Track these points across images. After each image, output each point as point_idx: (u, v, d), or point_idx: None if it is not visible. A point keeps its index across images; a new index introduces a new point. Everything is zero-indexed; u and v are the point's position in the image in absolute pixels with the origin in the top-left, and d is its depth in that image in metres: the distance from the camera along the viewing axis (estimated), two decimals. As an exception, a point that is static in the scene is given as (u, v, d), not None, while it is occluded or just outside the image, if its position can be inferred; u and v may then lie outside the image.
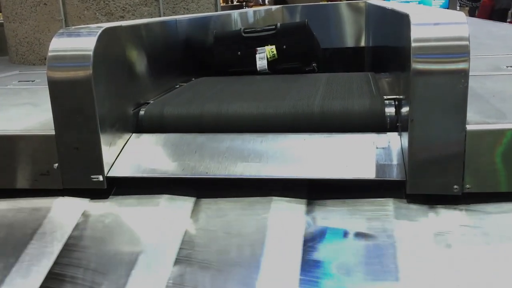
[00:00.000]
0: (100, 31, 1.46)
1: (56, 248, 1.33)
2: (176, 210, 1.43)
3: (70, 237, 1.36)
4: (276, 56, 2.50)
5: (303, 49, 2.52)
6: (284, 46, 2.50)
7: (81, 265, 1.27)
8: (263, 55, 2.51)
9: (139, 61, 1.79)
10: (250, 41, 2.56)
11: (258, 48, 2.52)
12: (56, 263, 1.28)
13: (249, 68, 2.51)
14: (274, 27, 2.56)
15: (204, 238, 1.32)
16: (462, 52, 1.23)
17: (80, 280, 1.23)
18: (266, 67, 2.50)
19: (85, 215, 1.44)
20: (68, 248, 1.33)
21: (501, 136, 1.29)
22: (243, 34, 2.60)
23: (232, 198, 1.44)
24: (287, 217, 1.35)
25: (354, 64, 5.26)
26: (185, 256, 1.26)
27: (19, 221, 1.44)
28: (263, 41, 2.53)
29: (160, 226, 1.38)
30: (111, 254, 1.30)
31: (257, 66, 2.51)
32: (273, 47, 2.50)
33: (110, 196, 1.50)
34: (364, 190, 1.40)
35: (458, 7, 11.65)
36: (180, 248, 1.28)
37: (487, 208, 1.30)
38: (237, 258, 1.24)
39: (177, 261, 1.25)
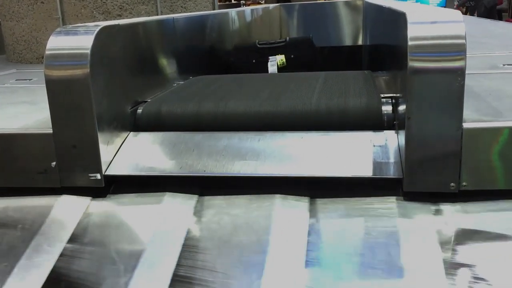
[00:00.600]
0: (97, 29, 1.46)
1: (55, 248, 1.33)
2: (175, 208, 1.43)
3: (68, 238, 1.36)
4: (285, 63, 3.07)
5: (307, 58, 3.12)
6: (292, 56, 3.11)
7: (80, 265, 1.27)
8: (274, 63, 3.06)
9: (137, 60, 1.79)
10: (263, 51, 3.17)
11: (270, 57, 3.09)
12: (57, 264, 1.28)
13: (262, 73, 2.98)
14: (284, 40, 3.21)
15: (205, 236, 1.32)
16: (458, 50, 1.24)
17: (82, 280, 1.23)
18: (277, 72, 3.01)
19: (83, 214, 1.44)
20: (67, 248, 1.33)
21: (498, 134, 1.30)
22: (258, 46, 3.21)
23: (229, 196, 1.44)
24: (286, 215, 1.36)
25: (351, 62, 5.27)
26: (187, 257, 1.26)
27: (17, 220, 1.44)
28: (274, 51, 3.15)
29: (160, 224, 1.38)
30: (110, 254, 1.30)
31: (269, 71, 3.04)
32: (283, 56, 3.08)
33: (108, 195, 1.50)
34: (362, 188, 1.41)
35: (455, 6, 11.67)
36: (182, 248, 1.28)
37: (484, 205, 1.31)
38: (241, 257, 1.24)
39: (180, 261, 1.25)
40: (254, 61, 3.13)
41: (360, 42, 5.32)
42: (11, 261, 1.29)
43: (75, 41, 1.45)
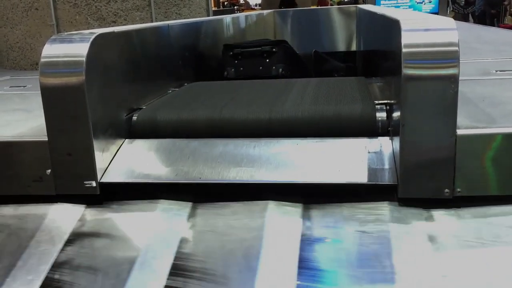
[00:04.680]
0: (92, 37, 1.47)
1: (51, 256, 1.32)
2: (169, 215, 1.43)
3: (63, 245, 1.36)
4: None
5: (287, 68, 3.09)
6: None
7: (75, 272, 1.27)
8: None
9: (132, 67, 1.79)
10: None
11: None
12: (52, 270, 1.28)
13: None
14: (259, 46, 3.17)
15: (199, 244, 1.32)
16: (452, 57, 1.25)
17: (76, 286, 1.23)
18: None
19: (78, 221, 1.43)
20: (63, 255, 1.32)
21: (491, 140, 1.31)
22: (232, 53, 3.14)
23: (225, 203, 1.44)
24: (281, 222, 1.36)
25: (345, 68, 5.29)
26: (180, 263, 1.26)
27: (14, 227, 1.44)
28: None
29: (155, 231, 1.38)
30: (105, 261, 1.30)
31: None
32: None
33: (104, 202, 1.50)
34: (357, 194, 1.41)
35: (448, 13, 11.75)
36: (176, 255, 1.28)
37: (478, 211, 1.32)
38: (234, 264, 1.24)
39: (173, 268, 1.24)
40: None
41: (354, 48, 5.35)
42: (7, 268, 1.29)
43: (70, 48, 1.45)
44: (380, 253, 1.22)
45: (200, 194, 1.48)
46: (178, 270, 1.23)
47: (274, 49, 3.07)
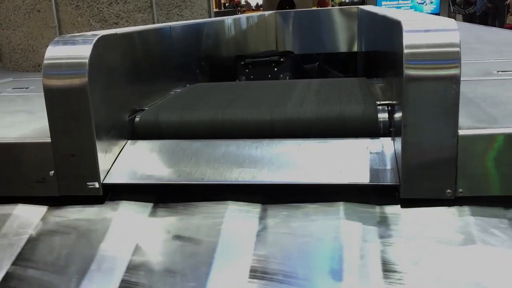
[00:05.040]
0: (95, 39, 1.47)
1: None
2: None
3: (65, 244, 1.37)
4: None
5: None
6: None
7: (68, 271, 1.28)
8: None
9: (134, 68, 1.80)
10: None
11: None
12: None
13: None
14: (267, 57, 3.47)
15: (195, 243, 1.33)
16: (453, 58, 1.26)
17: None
18: None
19: (79, 221, 1.44)
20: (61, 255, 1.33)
21: (493, 140, 1.31)
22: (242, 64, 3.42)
23: (227, 202, 1.45)
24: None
25: (346, 69, 5.30)
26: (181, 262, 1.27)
27: None
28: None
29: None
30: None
31: None
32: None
33: (106, 202, 1.50)
34: (358, 195, 1.42)
35: (450, 13, 11.74)
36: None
37: (480, 212, 1.32)
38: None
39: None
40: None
41: (355, 49, 5.35)
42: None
43: (73, 50, 1.46)
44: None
45: (203, 194, 1.48)
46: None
47: (281, 59, 3.37)
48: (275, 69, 3.34)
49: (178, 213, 1.44)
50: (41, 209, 1.50)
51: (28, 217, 1.48)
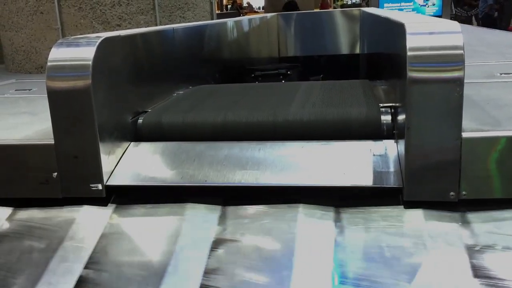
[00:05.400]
0: (99, 41, 1.47)
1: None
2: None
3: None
4: None
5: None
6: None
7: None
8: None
9: (137, 70, 1.80)
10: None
11: None
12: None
13: None
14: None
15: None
16: (457, 60, 1.26)
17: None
18: None
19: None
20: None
21: (497, 143, 1.31)
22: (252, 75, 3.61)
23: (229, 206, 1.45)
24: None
25: (348, 71, 5.30)
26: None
27: None
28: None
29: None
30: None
31: None
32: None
33: (109, 204, 1.51)
34: (361, 197, 1.42)
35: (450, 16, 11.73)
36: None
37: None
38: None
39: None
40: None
41: (357, 51, 5.35)
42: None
43: (77, 52, 1.46)
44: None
45: (207, 196, 1.48)
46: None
47: (289, 72, 3.60)
48: (283, 81, 3.53)
49: (179, 215, 1.44)
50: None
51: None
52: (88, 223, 1.45)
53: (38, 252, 1.35)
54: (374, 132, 1.56)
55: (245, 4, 22.19)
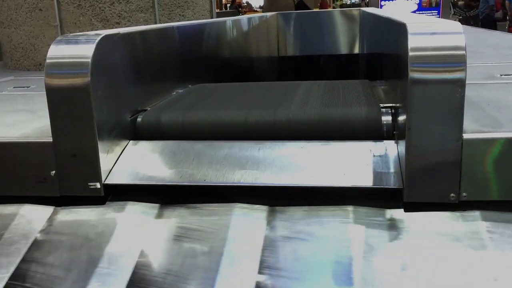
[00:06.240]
0: (98, 38, 1.46)
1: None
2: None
3: (65, 243, 1.36)
4: None
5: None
6: None
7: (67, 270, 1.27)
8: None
9: (137, 68, 1.79)
10: None
11: None
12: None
13: None
14: None
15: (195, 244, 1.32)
16: (459, 61, 1.25)
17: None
18: None
19: (80, 222, 1.43)
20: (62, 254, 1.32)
21: (498, 145, 1.30)
22: None
23: (228, 204, 1.44)
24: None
25: (347, 71, 5.30)
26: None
27: None
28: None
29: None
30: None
31: None
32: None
33: (107, 203, 1.50)
34: (361, 198, 1.41)
35: (450, 16, 11.74)
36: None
37: (483, 216, 1.31)
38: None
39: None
40: None
41: (356, 51, 5.35)
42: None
43: (76, 50, 1.45)
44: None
45: (204, 196, 1.47)
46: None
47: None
48: None
49: (180, 215, 1.43)
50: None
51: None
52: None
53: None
54: (374, 133, 1.56)
55: (244, 3, 22.17)
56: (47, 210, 1.49)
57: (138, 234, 1.39)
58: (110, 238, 1.37)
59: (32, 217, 1.47)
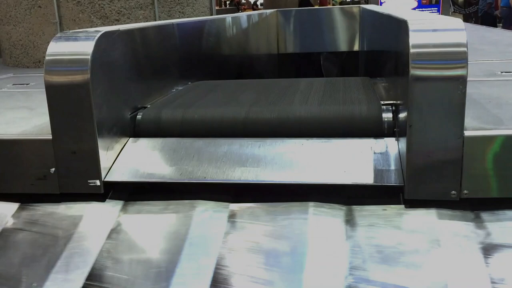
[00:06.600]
0: (98, 35, 1.46)
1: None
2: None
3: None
4: None
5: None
6: None
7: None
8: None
9: (136, 65, 1.79)
10: None
11: None
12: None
13: None
14: None
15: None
16: (460, 58, 1.24)
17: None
18: None
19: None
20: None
21: (499, 142, 1.30)
22: None
23: (228, 203, 1.44)
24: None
25: (348, 68, 5.30)
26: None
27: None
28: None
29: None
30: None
31: None
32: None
33: (107, 200, 1.49)
34: (361, 195, 1.40)
35: (450, 13, 11.73)
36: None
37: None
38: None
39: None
40: None
41: (356, 48, 5.34)
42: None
43: (76, 46, 1.44)
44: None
45: (205, 193, 1.47)
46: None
47: None
48: None
49: (181, 212, 1.42)
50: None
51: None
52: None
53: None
54: (375, 130, 1.55)
55: (243, 0, 22.12)
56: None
57: (138, 232, 1.39)
58: (110, 235, 1.37)
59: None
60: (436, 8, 10.35)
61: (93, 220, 1.43)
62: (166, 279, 1.20)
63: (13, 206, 1.48)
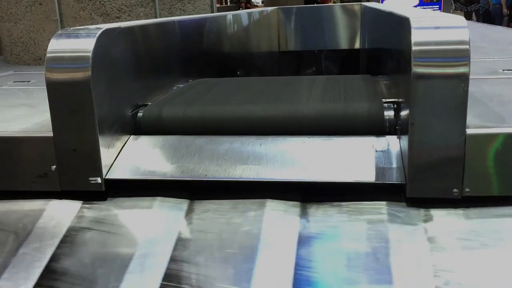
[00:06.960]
0: (99, 32, 1.45)
1: (49, 251, 1.32)
2: (173, 212, 1.42)
3: (65, 240, 1.35)
4: None
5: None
6: None
7: (74, 268, 1.26)
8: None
9: (138, 63, 1.78)
10: None
11: None
12: (48, 266, 1.27)
13: None
14: None
15: (195, 242, 1.32)
16: (462, 56, 1.24)
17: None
18: None
19: (82, 217, 1.43)
20: (62, 250, 1.32)
21: (501, 140, 1.29)
22: None
23: (230, 200, 1.43)
24: (284, 220, 1.35)
25: (348, 66, 5.29)
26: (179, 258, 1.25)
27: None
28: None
29: (157, 228, 1.37)
30: (107, 257, 1.29)
31: None
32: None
33: (108, 198, 1.49)
34: (363, 193, 1.40)
35: (452, 11, 11.70)
36: (174, 250, 1.28)
37: (486, 212, 1.30)
38: (230, 259, 1.24)
39: (171, 262, 1.24)
40: None
41: (357, 45, 5.33)
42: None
43: (77, 44, 1.44)
44: (384, 254, 1.21)
45: (206, 191, 1.47)
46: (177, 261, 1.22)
47: None
48: None
49: (181, 210, 1.42)
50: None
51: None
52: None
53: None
54: (377, 128, 1.55)
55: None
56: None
57: (139, 230, 1.39)
58: (112, 234, 1.36)
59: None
60: (438, 6, 10.33)
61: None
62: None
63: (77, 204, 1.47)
